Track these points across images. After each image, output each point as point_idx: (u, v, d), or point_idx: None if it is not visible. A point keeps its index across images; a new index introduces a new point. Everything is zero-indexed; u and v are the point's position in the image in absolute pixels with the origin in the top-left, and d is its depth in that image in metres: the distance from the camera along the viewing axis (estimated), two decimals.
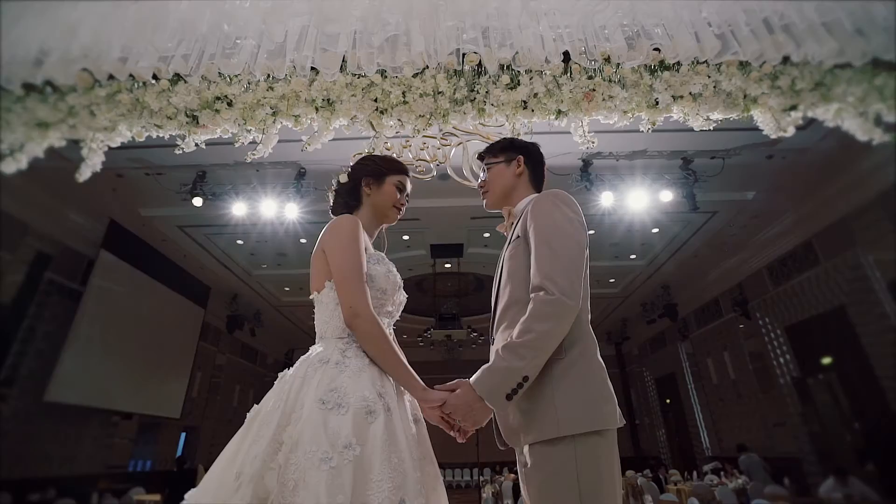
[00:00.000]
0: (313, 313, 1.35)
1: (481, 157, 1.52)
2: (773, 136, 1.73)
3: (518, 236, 1.27)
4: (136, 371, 7.56)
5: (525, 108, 1.74)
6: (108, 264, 6.92)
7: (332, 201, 1.50)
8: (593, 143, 1.86)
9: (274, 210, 6.20)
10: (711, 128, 1.78)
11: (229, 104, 1.74)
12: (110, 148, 1.79)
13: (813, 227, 6.73)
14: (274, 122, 1.80)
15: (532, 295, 1.10)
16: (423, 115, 1.76)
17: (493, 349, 1.22)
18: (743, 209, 6.94)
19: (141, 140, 1.79)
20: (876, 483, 5.40)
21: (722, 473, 7.32)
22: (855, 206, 5.85)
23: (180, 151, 1.83)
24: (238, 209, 6.14)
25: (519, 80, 1.68)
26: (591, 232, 7.93)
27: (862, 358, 5.81)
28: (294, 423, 0.99)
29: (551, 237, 1.15)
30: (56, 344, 6.24)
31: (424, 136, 1.92)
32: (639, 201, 6.18)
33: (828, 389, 6.78)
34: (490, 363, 1.08)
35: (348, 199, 1.46)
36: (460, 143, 1.98)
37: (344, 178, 1.47)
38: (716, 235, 7.72)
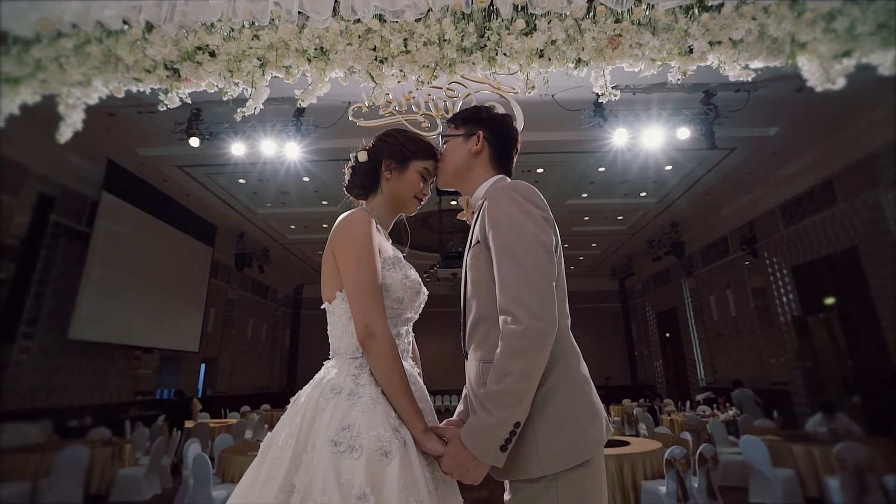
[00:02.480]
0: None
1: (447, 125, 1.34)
2: (819, 89, 1.55)
3: (478, 241, 1.11)
4: (152, 309, 7.80)
5: (541, 56, 1.55)
6: (112, 206, 6.88)
7: (346, 179, 1.33)
8: (615, 96, 1.68)
9: (274, 149, 6.01)
10: (749, 78, 1.59)
11: (212, 55, 1.57)
12: (88, 105, 1.65)
13: (835, 165, 6.44)
14: (263, 74, 1.63)
15: (501, 319, 0.98)
16: (428, 66, 1.58)
17: (468, 367, 1.13)
18: (763, 145, 6.62)
19: (120, 96, 1.64)
20: (861, 417, 5.65)
21: (714, 405, 7.70)
22: (883, 144, 5.54)
23: (164, 108, 1.69)
24: (237, 149, 5.95)
25: (535, 25, 1.48)
26: (602, 169, 7.68)
27: (867, 300, 5.82)
28: (305, 466, 0.94)
29: (514, 245, 1.01)
30: (71, 285, 6.39)
31: (431, 87, 1.75)
32: (654, 138, 5.89)
33: (827, 328, 6.90)
34: (477, 417, 0.97)
35: (365, 180, 1.29)
36: (468, 95, 1.80)
37: (363, 157, 1.28)
38: (732, 172, 7.45)
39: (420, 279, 1.23)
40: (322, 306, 1.19)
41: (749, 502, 4.23)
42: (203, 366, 10.55)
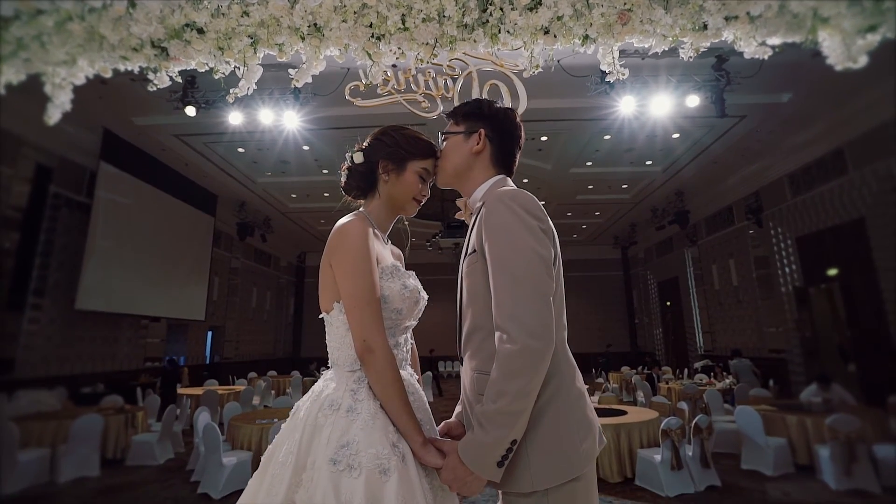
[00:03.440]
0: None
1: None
2: (839, 68, 1.47)
3: (474, 250, 1.08)
4: (157, 279, 7.88)
5: (547, 33, 1.47)
6: (111, 176, 6.81)
7: (343, 180, 1.28)
8: (624, 75, 1.61)
9: (272, 118, 5.88)
10: (766, 56, 1.51)
11: (200, 32, 1.49)
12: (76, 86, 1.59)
13: (847, 134, 6.26)
14: (255, 52, 1.55)
15: (496, 335, 0.96)
16: (427, 43, 1.50)
17: (463, 374, 1.13)
18: (774, 113, 6.43)
19: (108, 76, 1.58)
20: (856, 387, 5.76)
21: (712, 374, 7.83)
22: None
23: (154, 88, 1.63)
24: (234, 118, 5.83)
25: (541, 0, 1.39)
26: (607, 137, 7.50)
27: (870, 271, 5.81)
28: (305, 484, 0.95)
29: (511, 258, 0.98)
30: (75, 256, 6.43)
31: (431, 64, 1.67)
32: (662, 106, 5.72)
33: (828, 298, 6.92)
34: (474, 434, 0.97)
35: (361, 182, 1.24)
36: (469, 73, 1.72)
37: (359, 158, 1.22)
38: (741, 140, 7.27)
39: (419, 286, 1.20)
40: (320, 316, 1.17)
41: (740, 469, 4.38)
42: (210, 333, 10.76)
